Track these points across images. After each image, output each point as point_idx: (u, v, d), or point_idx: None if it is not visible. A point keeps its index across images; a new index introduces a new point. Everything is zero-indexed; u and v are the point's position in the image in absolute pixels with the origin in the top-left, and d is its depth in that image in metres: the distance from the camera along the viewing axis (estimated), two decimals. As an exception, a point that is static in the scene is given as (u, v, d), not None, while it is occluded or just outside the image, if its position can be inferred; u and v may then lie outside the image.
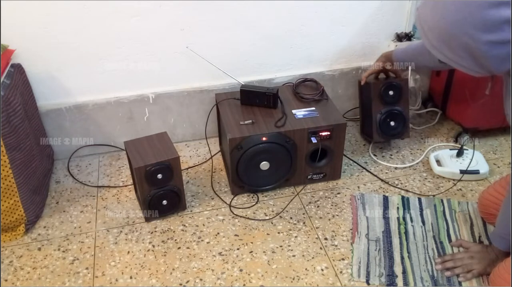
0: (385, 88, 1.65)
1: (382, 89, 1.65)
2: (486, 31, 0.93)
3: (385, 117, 1.68)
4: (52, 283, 1.29)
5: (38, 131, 1.60)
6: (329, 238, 1.42)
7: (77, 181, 1.67)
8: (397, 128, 1.70)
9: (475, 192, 1.57)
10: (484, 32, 0.93)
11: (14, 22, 1.46)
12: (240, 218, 1.50)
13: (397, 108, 1.68)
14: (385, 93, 1.66)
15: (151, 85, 1.71)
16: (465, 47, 0.96)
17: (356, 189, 1.61)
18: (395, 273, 1.30)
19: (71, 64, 1.59)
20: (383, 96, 1.66)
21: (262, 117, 1.53)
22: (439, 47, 1.00)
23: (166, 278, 1.30)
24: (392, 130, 1.71)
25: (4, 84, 1.35)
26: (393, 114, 1.68)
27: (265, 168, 1.51)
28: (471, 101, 1.71)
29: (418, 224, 1.45)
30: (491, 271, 1.24)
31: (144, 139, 1.46)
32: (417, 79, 1.79)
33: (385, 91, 1.65)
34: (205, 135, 1.84)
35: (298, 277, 1.30)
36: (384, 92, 1.65)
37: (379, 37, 1.81)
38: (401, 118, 1.69)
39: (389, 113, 1.68)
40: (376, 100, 1.67)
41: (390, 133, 1.71)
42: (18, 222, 1.41)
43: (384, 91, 1.65)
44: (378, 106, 1.68)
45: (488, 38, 0.93)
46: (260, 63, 1.76)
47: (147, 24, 1.56)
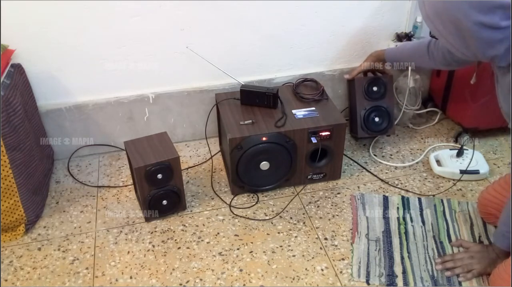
0: (369, 84, 1.67)
1: (366, 85, 1.67)
2: (479, 11, 0.96)
3: (369, 112, 1.68)
4: (52, 283, 1.29)
5: (38, 131, 1.60)
6: (329, 238, 1.42)
7: (77, 181, 1.67)
8: (382, 124, 1.70)
9: (475, 192, 1.57)
10: (478, 12, 0.96)
11: (14, 22, 1.46)
12: (240, 218, 1.50)
13: (382, 104, 1.68)
14: (369, 88, 1.67)
15: (151, 85, 1.71)
16: (456, 23, 0.99)
17: (356, 189, 1.61)
18: (395, 273, 1.30)
19: (71, 64, 1.59)
20: (367, 92, 1.67)
21: (262, 117, 1.53)
22: (433, 19, 1.04)
23: (166, 278, 1.30)
24: (377, 126, 1.70)
25: (4, 84, 1.35)
26: (377, 110, 1.69)
27: (265, 168, 1.51)
28: (471, 101, 1.71)
29: (418, 224, 1.45)
30: (491, 271, 1.25)
31: (144, 139, 1.46)
32: (417, 79, 1.79)
33: (369, 87, 1.67)
34: (205, 135, 1.84)
35: (298, 277, 1.30)
36: (368, 88, 1.67)
37: (379, 37, 1.81)
38: (386, 114, 1.69)
39: (373, 109, 1.68)
40: (360, 96, 1.68)
41: (374, 129, 1.70)
42: (18, 222, 1.41)
43: (368, 87, 1.67)
44: (362, 102, 1.68)
45: (479, 19, 0.96)
46: (260, 63, 1.76)
47: (147, 24, 1.56)
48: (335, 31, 1.75)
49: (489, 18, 0.96)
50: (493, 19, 0.96)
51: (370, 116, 1.69)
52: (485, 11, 0.96)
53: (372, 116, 1.69)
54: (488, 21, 0.96)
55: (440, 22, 1.02)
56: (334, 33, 1.76)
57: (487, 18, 0.96)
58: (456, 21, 0.99)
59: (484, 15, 0.96)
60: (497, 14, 0.96)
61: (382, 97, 1.68)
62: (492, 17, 0.96)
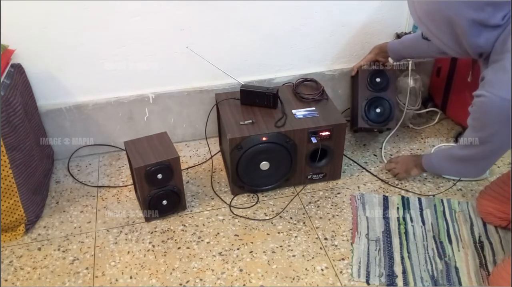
0: (372, 75, 1.68)
1: (369, 75, 1.68)
2: (471, 8, 0.99)
3: (371, 102, 1.69)
4: (52, 283, 1.29)
5: (38, 131, 1.60)
6: (329, 238, 1.42)
7: (77, 181, 1.67)
8: (383, 115, 1.70)
9: (475, 192, 1.57)
10: (469, 9, 0.99)
11: (14, 22, 1.46)
12: (240, 218, 1.50)
13: (384, 95, 1.69)
14: (373, 79, 1.68)
15: (151, 85, 1.71)
16: (448, 22, 1.02)
17: (356, 189, 1.61)
18: (395, 273, 1.30)
19: (71, 64, 1.59)
20: (370, 83, 1.68)
21: (262, 117, 1.53)
22: (425, 21, 1.06)
23: (166, 278, 1.30)
24: (378, 117, 1.70)
25: (4, 84, 1.35)
26: (379, 100, 1.69)
27: (265, 168, 1.51)
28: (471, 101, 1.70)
29: (418, 224, 1.45)
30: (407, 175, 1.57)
31: (144, 139, 1.46)
32: (417, 79, 1.79)
33: (372, 77, 1.68)
34: (205, 135, 1.84)
35: (298, 277, 1.30)
36: (371, 79, 1.68)
37: (379, 37, 1.81)
38: (388, 105, 1.69)
39: (375, 99, 1.69)
40: (363, 87, 1.69)
41: (375, 120, 1.70)
42: (18, 222, 1.41)
43: (371, 78, 1.68)
44: (365, 93, 1.69)
45: (471, 16, 0.99)
46: (260, 63, 1.76)
47: (147, 24, 1.56)
48: (335, 31, 1.75)
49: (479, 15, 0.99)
50: (482, 16, 0.99)
51: (372, 106, 1.69)
52: (476, 8, 0.98)
53: (373, 107, 1.69)
54: (478, 17, 0.99)
55: (432, 22, 1.05)
56: (334, 33, 1.76)
57: (478, 15, 0.99)
58: (448, 19, 1.01)
59: (476, 12, 0.99)
60: (487, 11, 0.99)
61: (385, 89, 1.69)
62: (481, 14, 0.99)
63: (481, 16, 0.99)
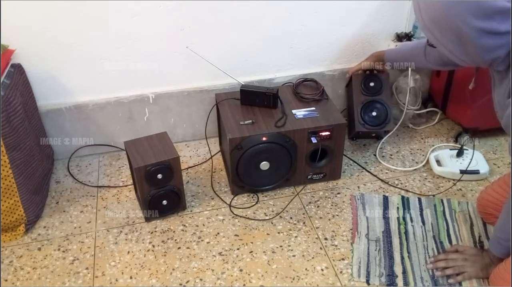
0: (366, 79, 1.69)
1: (363, 80, 1.69)
2: (478, 17, 0.95)
3: (367, 106, 1.70)
4: (52, 283, 1.29)
5: (38, 131, 1.60)
6: (329, 238, 1.42)
7: (77, 181, 1.67)
8: (380, 117, 1.70)
9: (475, 192, 1.57)
10: (477, 18, 0.95)
11: (14, 22, 1.46)
12: (240, 218, 1.50)
13: (378, 99, 1.70)
14: (366, 84, 1.69)
15: (151, 85, 1.71)
16: (455, 30, 0.99)
17: (356, 189, 1.61)
18: (395, 273, 1.30)
19: (71, 64, 1.59)
20: (364, 87, 1.69)
21: (262, 117, 1.53)
22: (431, 28, 1.03)
23: (166, 278, 1.30)
24: (374, 120, 1.70)
25: (4, 84, 1.35)
26: (374, 103, 1.70)
27: (265, 168, 1.51)
28: (471, 101, 1.71)
29: (418, 224, 1.45)
30: (483, 275, 1.23)
31: (144, 139, 1.46)
32: (417, 79, 1.79)
33: (366, 81, 1.69)
34: (205, 135, 1.84)
35: (298, 277, 1.30)
36: (365, 83, 1.69)
37: (379, 37, 1.81)
38: (383, 109, 1.70)
39: (370, 103, 1.70)
40: (358, 92, 1.70)
41: (371, 122, 1.70)
42: (18, 222, 1.41)
43: (365, 82, 1.69)
44: (360, 97, 1.70)
45: (478, 25, 0.96)
46: (260, 63, 1.76)
47: (147, 24, 1.56)
48: (335, 31, 1.75)
49: (488, 23, 0.95)
50: (491, 24, 0.96)
51: (367, 110, 1.70)
52: (484, 17, 0.95)
53: (369, 110, 1.70)
54: (487, 26, 0.96)
55: (438, 30, 1.01)
56: (334, 33, 1.76)
57: (486, 24, 0.95)
58: (455, 28, 0.98)
59: (483, 21, 0.95)
60: (496, 19, 0.95)
61: (379, 93, 1.69)
62: (490, 23, 0.95)
63: (490, 25, 0.96)
